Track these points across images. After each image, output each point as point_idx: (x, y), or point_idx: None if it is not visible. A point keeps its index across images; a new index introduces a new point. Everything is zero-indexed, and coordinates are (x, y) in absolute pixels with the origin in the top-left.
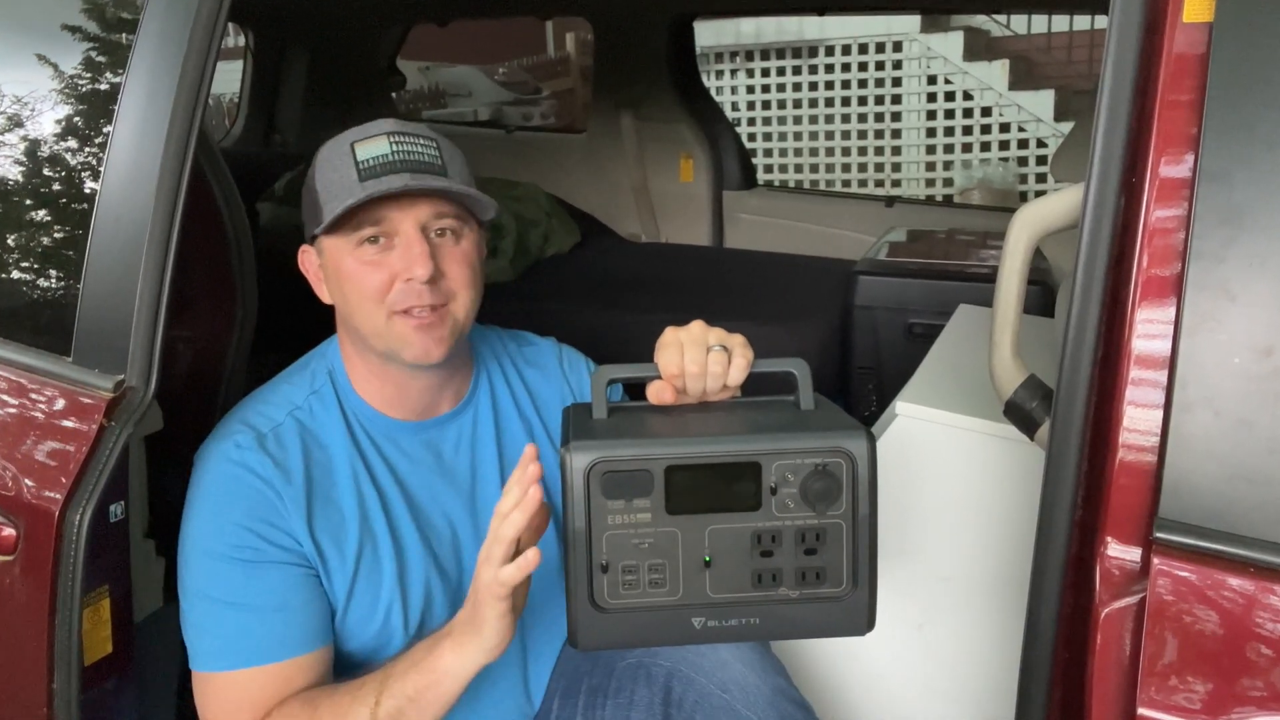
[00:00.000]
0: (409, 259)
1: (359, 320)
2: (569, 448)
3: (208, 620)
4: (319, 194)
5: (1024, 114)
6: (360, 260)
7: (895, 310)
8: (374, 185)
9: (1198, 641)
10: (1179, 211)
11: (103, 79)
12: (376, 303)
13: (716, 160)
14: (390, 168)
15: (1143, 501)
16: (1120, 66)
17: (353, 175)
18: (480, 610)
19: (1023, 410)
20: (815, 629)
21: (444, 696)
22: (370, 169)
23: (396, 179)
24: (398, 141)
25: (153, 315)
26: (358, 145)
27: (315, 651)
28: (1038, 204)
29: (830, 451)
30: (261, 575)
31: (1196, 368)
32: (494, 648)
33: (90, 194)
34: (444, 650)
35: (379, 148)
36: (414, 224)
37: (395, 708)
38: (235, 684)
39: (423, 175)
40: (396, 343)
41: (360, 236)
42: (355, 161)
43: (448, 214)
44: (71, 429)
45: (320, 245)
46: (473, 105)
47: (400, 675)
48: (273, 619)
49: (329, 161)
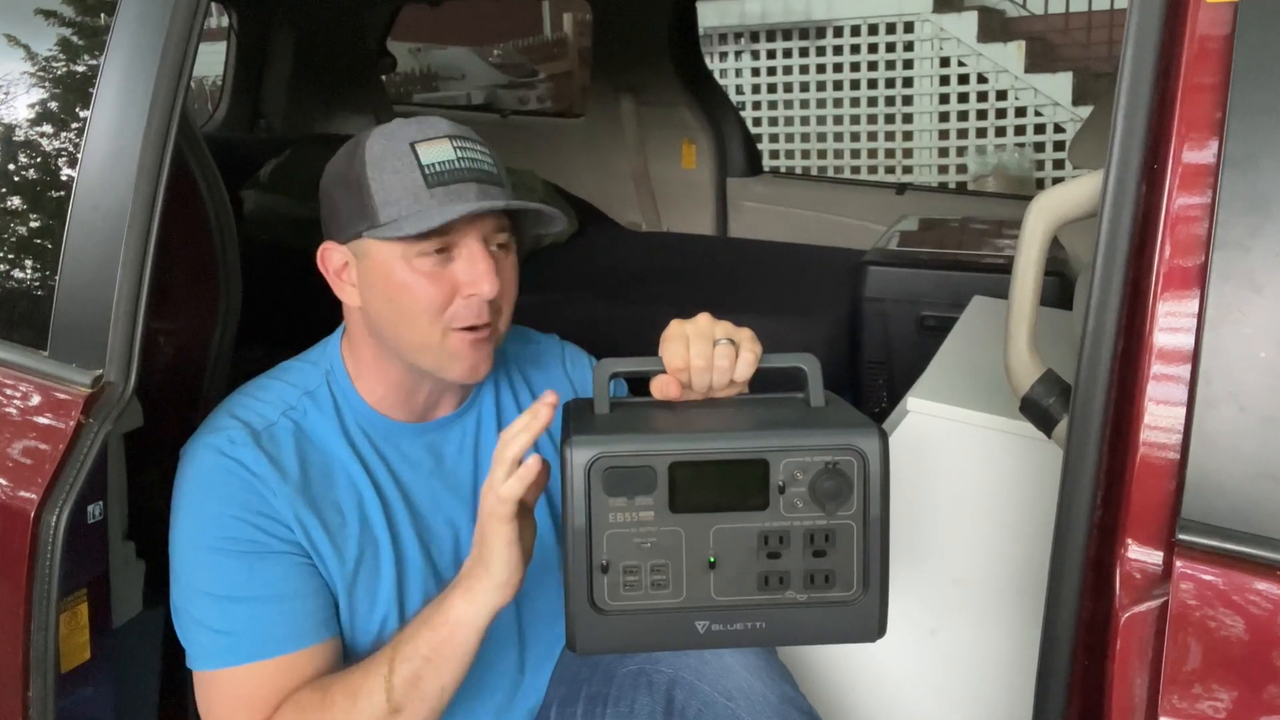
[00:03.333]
0: (474, 275)
1: (406, 332)
2: (569, 443)
3: (209, 617)
4: (373, 194)
5: (1041, 97)
6: (418, 271)
7: (906, 302)
8: (443, 195)
9: (1222, 648)
10: (1202, 199)
11: (80, 61)
12: (433, 317)
13: (720, 146)
14: (458, 175)
15: (1165, 502)
16: (1141, 48)
17: (417, 179)
18: (487, 542)
19: (1039, 406)
20: (824, 634)
21: (460, 650)
22: (438, 175)
23: (465, 190)
24: (460, 147)
25: (132, 308)
26: (419, 146)
27: (324, 643)
28: (1055, 191)
29: (841, 449)
30: (261, 566)
31: (1221, 362)
32: (504, 583)
33: (67, 181)
34: (454, 600)
35: (443, 152)
36: (479, 238)
37: (410, 671)
38: (242, 680)
39: (487, 186)
40: (447, 359)
41: (426, 247)
42: (419, 164)
43: (505, 228)
44: (47, 426)
45: (363, 247)
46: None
47: (411, 637)
48: (279, 609)
49: (384, 160)
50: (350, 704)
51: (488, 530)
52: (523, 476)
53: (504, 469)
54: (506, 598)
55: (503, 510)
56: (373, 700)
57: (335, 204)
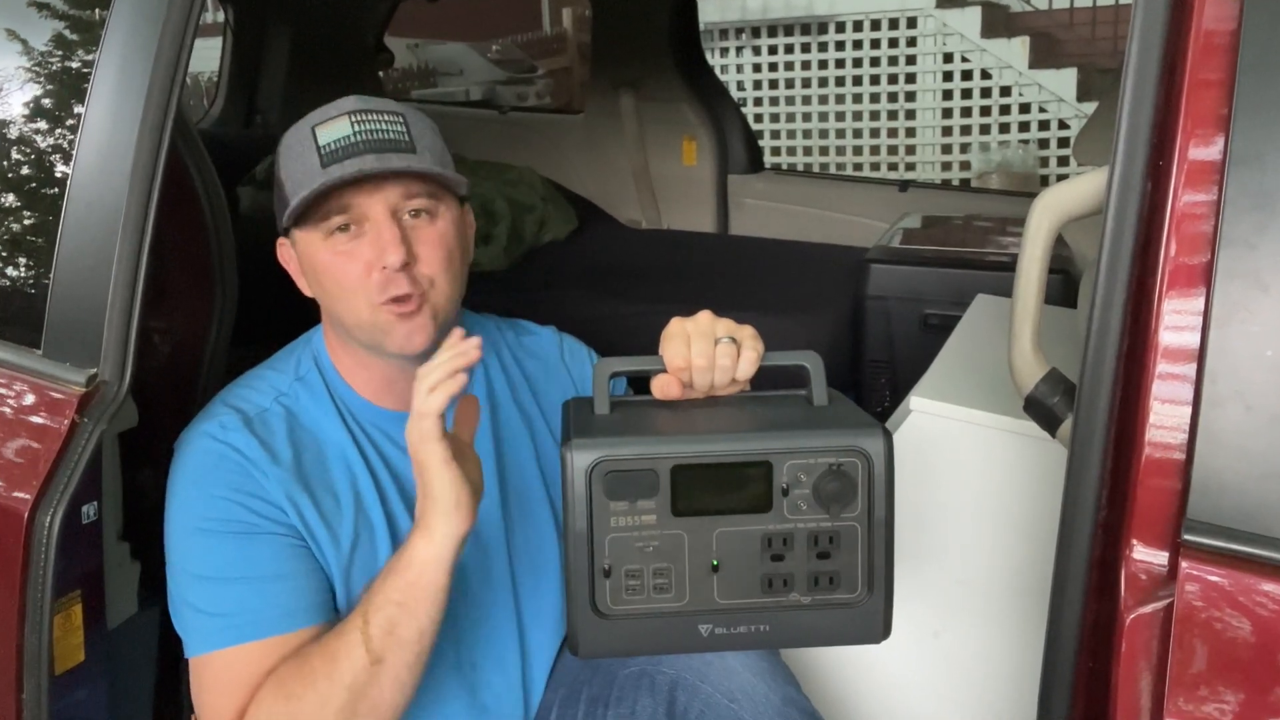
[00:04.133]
0: (379, 246)
1: (341, 312)
2: (570, 446)
3: (201, 600)
4: (284, 184)
5: (1045, 94)
6: (333, 251)
7: (909, 300)
8: (337, 170)
9: (1229, 650)
10: (1209, 196)
11: (74, 57)
12: (356, 294)
13: (721, 142)
14: (352, 150)
15: (1170, 502)
16: (1146, 43)
17: (315, 161)
18: (424, 469)
19: (1044, 406)
20: (828, 637)
21: (431, 589)
22: (332, 153)
23: (359, 161)
24: (360, 120)
25: (127, 306)
26: (318, 129)
27: (316, 626)
28: (1059, 189)
29: (845, 450)
30: (253, 547)
31: (1227, 361)
32: (452, 508)
33: (61, 178)
34: (414, 541)
35: (340, 129)
36: (383, 208)
37: (385, 619)
38: (235, 662)
39: (388, 155)
40: (379, 334)
41: (329, 226)
42: (317, 146)
43: (419, 193)
44: (41, 425)
45: (293, 237)
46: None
47: (380, 588)
48: (271, 589)
49: (291, 149)
50: (330, 666)
51: (420, 455)
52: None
53: (423, 387)
54: (463, 525)
55: (427, 426)
56: (352, 657)
57: (275, 200)
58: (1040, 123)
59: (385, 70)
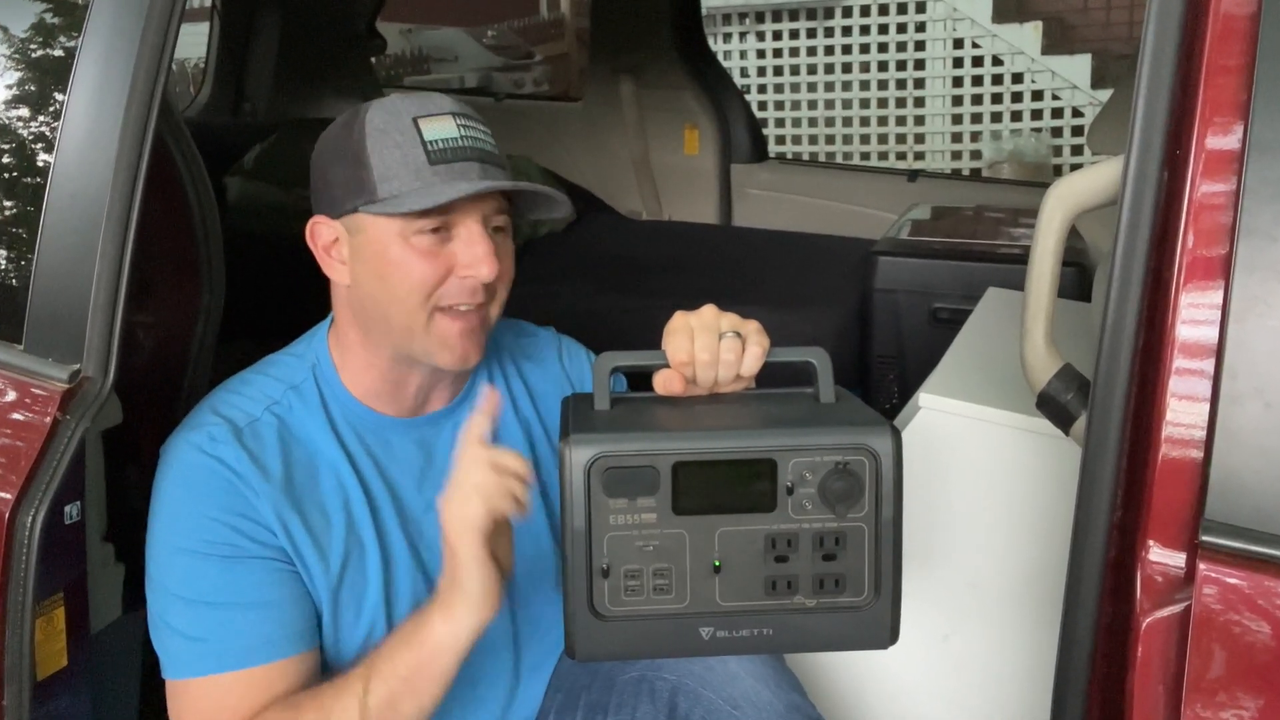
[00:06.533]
0: (473, 257)
1: (394, 312)
2: (568, 440)
3: (182, 622)
4: (372, 167)
5: (1058, 80)
6: (415, 249)
7: (918, 294)
8: (445, 173)
9: (1248, 654)
10: (1227, 186)
11: (56, 43)
12: (423, 297)
13: (724, 131)
14: (461, 154)
15: (1187, 502)
16: (1163, 28)
17: (419, 155)
18: (456, 559)
19: (1057, 402)
20: (833, 641)
21: (440, 673)
22: (440, 152)
23: (468, 168)
24: (463, 125)
25: (111, 300)
26: (422, 122)
27: (300, 655)
28: (1073, 179)
29: (852, 448)
30: (239, 571)
31: (1246, 356)
32: (480, 602)
33: (43, 168)
34: (433, 619)
35: (446, 129)
36: (479, 218)
37: (387, 692)
38: (213, 691)
39: (489, 166)
40: (435, 344)
41: (425, 225)
42: (422, 140)
43: (505, 210)
44: (22, 423)
45: (357, 222)
46: (459, 71)
47: (389, 656)
48: (254, 617)
49: (386, 134)
50: None
51: (455, 542)
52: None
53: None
54: (487, 616)
55: (470, 515)
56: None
57: (329, 177)
58: (1053, 110)
59: (378, 56)
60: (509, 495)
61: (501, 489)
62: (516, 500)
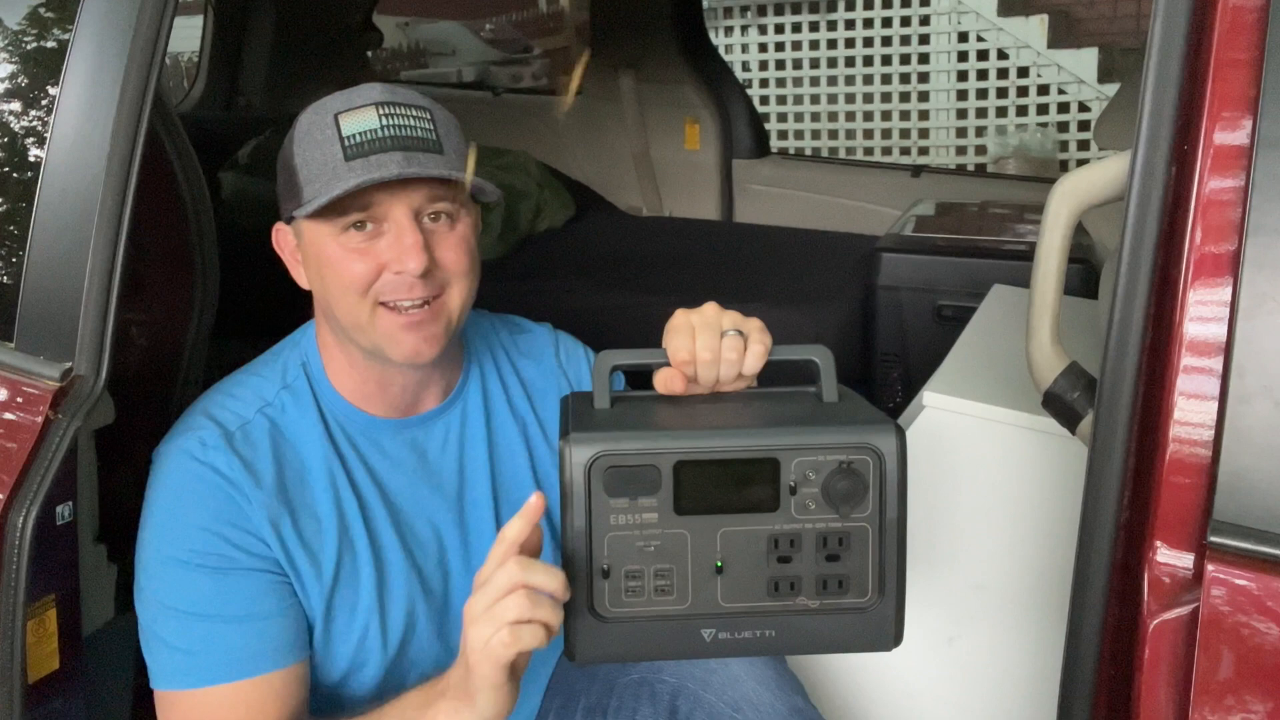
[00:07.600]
0: (400, 250)
1: (340, 312)
2: (568, 439)
3: (171, 633)
4: (298, 171)
5: (1064, 75)
6: (344, 248)
7: (923, 291)
8: (362, 166)
9: (1256, 657)
10: (1236, 182)
11: (49, 36)
12: (360, 294)
13: (725, 126)
14: (380, 145)
15: (1196, 502)
16: (1171, 21)
17: (337, 153)
18: (473, 676)
19: (1063, 401)
20: (837, 643)
21: None
22: (357, 146)
23: (387, 159)
24: (387, 114)
25: (103, 297)
26: (342, 117)
27: (290, 667)
28: (1079, 174)
29: (856, 448)
30: (229, 583)
31: (1255, 354)
32: (491, 716)
33: (35, 163)
34: (439, 714)
35: (365, 120)
36: (406, 210)
37: None
38: (199, 704)
39: (415, 154)
40: (382, 340)
41: (345, 222)
42: (340, 136)
43: (443, 197)
44: (14, 422)
45: (299, 227)
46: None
47: None
48: (244, 630)
49: (309, 134)
50: None
51: (474, 668)
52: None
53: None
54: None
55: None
56: None
57: (278, 184)
58: (1059, 105)
59: (374, 50)
60: (540, 630)
61: (534, 628)
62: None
